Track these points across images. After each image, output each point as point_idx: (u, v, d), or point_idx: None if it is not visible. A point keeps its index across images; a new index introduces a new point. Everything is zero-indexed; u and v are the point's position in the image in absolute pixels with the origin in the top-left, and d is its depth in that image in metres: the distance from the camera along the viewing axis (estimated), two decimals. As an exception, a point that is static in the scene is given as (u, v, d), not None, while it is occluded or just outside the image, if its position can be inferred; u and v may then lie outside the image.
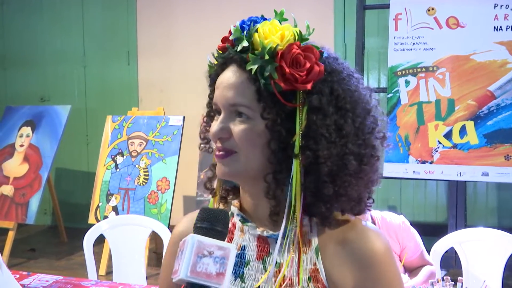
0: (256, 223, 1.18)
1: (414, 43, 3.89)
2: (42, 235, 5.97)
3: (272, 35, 1.09)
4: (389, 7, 3.96)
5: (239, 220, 1.20)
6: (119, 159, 4.60)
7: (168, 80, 5.64)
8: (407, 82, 3.88)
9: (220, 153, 1.12)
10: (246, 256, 1.18)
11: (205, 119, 1.21)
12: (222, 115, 1.12)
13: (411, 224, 2.57)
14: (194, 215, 1.25)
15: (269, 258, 1.15)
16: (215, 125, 1.12)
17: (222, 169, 1.13)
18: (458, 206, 4.06)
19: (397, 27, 3.93)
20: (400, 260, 2.53)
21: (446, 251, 2.72)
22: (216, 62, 1.17)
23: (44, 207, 5.95)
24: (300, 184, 1.09)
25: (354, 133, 1.10)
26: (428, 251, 2.63)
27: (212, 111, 1.18)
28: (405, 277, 2.40)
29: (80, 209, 5.25)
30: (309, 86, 1.08)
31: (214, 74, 1.16)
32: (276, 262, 1.14)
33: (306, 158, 1.08)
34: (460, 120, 3.73)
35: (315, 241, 1.14)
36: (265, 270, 1.15)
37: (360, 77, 1.17)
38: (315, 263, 1.13)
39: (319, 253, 1.13)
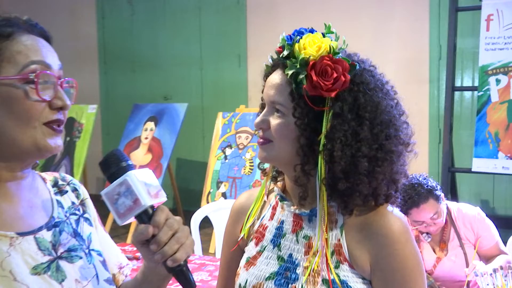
0: (293, 201, 1.31)
1: (505, 43, 3.87)
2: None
3: (310, 47, 1.20)
4: (481, 9, 3.95)
5: (278, 199, 1.34)
6: (228, 151, 4.83)
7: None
8: (498, 81, 3.88)
9: (261, 140, 1.27)
10: (284, 229, 1.30)
11: (259, 110, 1.33)
12: (265, 109, 1.27)
13: (497, 217, 2.58)
14: (252, 190, 1.44)
15: (301, 232, 1.27)
16: (258, 117, 1.27)
17: (261, 153, 1.27)
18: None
19: (488, 27, 3.93)
20: (474, 249, 2.61)
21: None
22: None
23: (166, 192, 6.33)
24: (323, 177, 1.20)
25: (371, 138, 1.18)
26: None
27: (263, 105, 1.30)
28: (480, 264, 2.48)
29: (196, 194, 5.42)
30: (332, 94, 1.17)
31: (267, 73, 1.30)
32: (307, 235, 1.27)
33: (325, 156, 1.19)
34: (551, 118, 3.65)
35: (340, 220, 1.24)
36: (297, 242, 1.27)
37: (389, 89, 1.25)
38: (339, 239, 1.23)
39: (343, 231, 1.23)
